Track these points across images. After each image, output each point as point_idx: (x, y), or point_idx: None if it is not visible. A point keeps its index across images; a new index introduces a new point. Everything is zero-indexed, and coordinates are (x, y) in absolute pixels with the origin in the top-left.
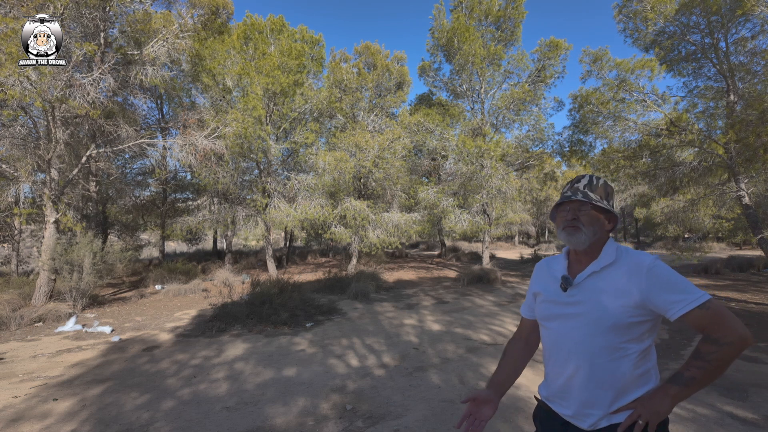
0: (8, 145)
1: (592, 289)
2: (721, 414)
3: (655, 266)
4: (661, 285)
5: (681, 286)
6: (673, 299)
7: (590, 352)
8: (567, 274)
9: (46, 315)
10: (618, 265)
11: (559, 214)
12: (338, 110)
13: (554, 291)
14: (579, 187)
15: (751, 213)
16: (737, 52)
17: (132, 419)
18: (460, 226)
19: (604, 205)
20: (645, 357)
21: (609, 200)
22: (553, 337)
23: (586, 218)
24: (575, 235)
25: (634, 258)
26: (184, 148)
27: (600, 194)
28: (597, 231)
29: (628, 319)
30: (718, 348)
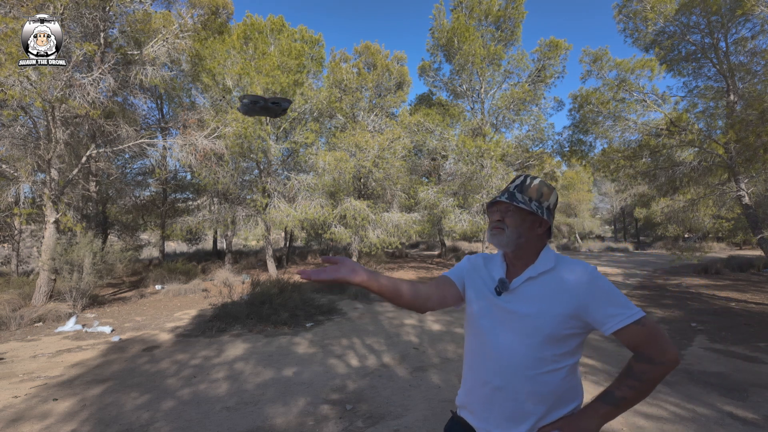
0: (8, 145)
1: (528, 296)
2: (721, 414)
3: (595, 277)
4: (600, 297)
5: (619, 299)
6: (611, 312)
7: (521, 364)
8: (505, 278)
9: (46, 315)
10: (556, 273)
11: (490, 215)
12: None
13: (488, 292)
14: (510, 188)
15: (751, 213)
16: (737, 52)
17: (132, 419)
18: (460, 226)
19: (526, 207)
20: (574, 371)
21: (542, 201)
22: (480, 341)
23: (510, 220)
24: (498, 236)
25: (574, 267)
26: (184, 148)
27: (531, 195)
28: (522, 233)
29: (563, 330)
30: (651, 368)
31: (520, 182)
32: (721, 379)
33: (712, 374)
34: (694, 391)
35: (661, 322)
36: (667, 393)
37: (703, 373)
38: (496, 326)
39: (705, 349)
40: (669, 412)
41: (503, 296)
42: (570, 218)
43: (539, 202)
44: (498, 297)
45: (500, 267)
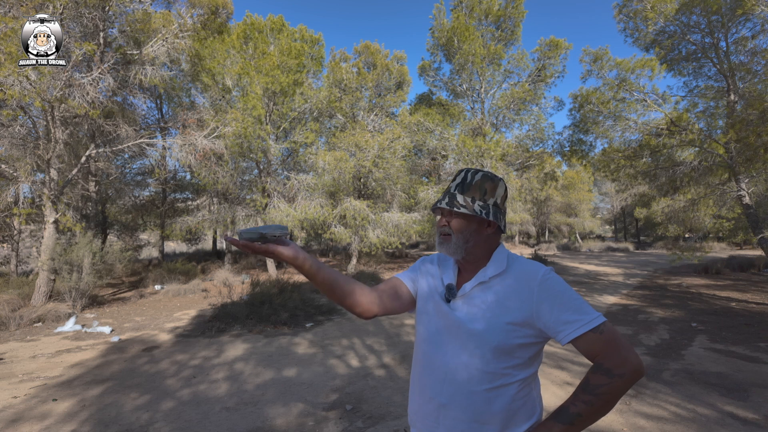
0: (7, 145)
1: (477, 303)
2: (721, 414)
3: (548, 278)
4: (553, 301)
5: (575, 304)
6: (566, 319)
7: (467, 378)
8: (453, 283)
9: (45, 315)
10: (507, 276)
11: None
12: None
13: (437, 298)
14: (451, 188)
15: (752, 213)
16: (737, 52)
17: (132, 420)
18: None
19: (468, 212)
20: (530, 385)
21: (487, 199)
22: (425, 353)
23: (455, 224)
24: (445, 244)
25: (525, 268)
26: (184, 148)
27: (474, 194)
28: (469, 238)
29: (514, 340)
30: (609, 380)
31: (460, 180)
32: (722, 379)
33: (712, 374)
34: (695, 391)
35: (662, 322)
36: (667, 393)
37: (704, 373)
38: (443, 336)
39: (705, 349)
40: (669, 412)
41: (452, 303)
42: (570, 218)
43: (484, 200)
44: (446, 304)
45: (452, 270)
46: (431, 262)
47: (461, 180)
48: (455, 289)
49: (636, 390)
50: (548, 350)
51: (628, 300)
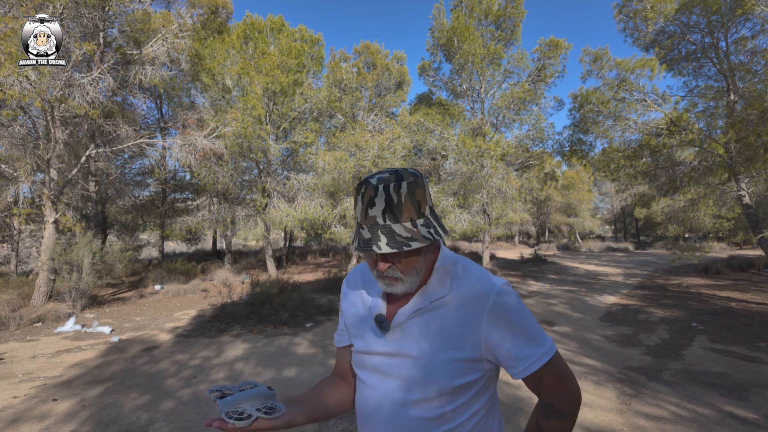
0: (7, 145)
1: (416, 336)
2: (721, 414)
3: (500, 302)
4: (505, 330)
5: (530, 331)
6: (519, 353)
7: (409, 428)
8: (383, 314)
9: (45, 315)
10: (451, 298)
11: (368, 258)
12: (338, 110)
13: (369, 333)
14: (377, 220)
15: (752, 212)
16: (737, 52)
17: (131, 420)
18: (460, 225)
19: (419, 245)
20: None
21: (424, 211)
22: (362, 397)
23: (405, 265)
24: (396, 285)
25: (474, 287)
26: (184, 148)
27: (410, 213)
28: (422, 267)
29: (459, 379)
30: (563, 423)
31: (384, 200)
32: (722, 379)
33: (712, 374)
34: (695, 391)
35: (662, 322)
36: (667, 393)
37: (704, 373)
38: (378, 378)
39: (705, 349)
40: (669, 412)
41: (385, 338)
42: (570, 218)
43: (422, 215)
44: (378, 338)
45: (379, 294)
46: (355, 285)
47: (385, 200)
48: (387, 321)
49: (636, 390)
50: None
51: (628, 300)
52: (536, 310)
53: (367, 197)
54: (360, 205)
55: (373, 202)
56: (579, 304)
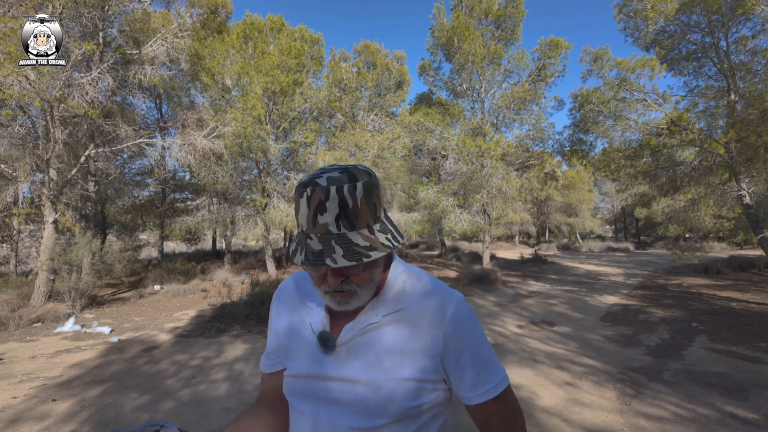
0: (7, 144)
1: (367, 355)
2: (722, 414)
3: (459, 319)
4: (461, 351)
5: (485, 356)
6: (473, 379)
7: None
8: (326, 330)
9: (44, 315)
10: (406, 311)
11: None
12: (338, 109)
13: (308, 351)
14: (329, 228)
15: (752, 212)
16: (738, 51)
17: (131, 420)
18: (460, 225)
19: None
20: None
21: (380, 214)
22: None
23: (362, 278)
24: (350, 301)
25: (432, 298)
26: (183, 148)
27: (367, 218)
28: (377, 278)
29: (415, 401)
30: None
31: (337, 205)
32: (722, 379)
33: (712, 374)
34: (695, 391)
35: (662, 322)
36: (668, 393)
37: (704, 373)
38: (318, 406)
39: (706, 349)
40: (670, 412)
41: (329, 358)
42: (570, 218)
43: (378, 218)
44: (321, 359)
45: (320, 308)
46: (289, 299)
47: (339, 205)
48: (332, 339)
49: (636, 390)
50: (548, 350)
51: (629, 300)
52: (536, 311)
53: (315, 201)
54: (305, 211)
55: (324, 207)
56: (579, 304)
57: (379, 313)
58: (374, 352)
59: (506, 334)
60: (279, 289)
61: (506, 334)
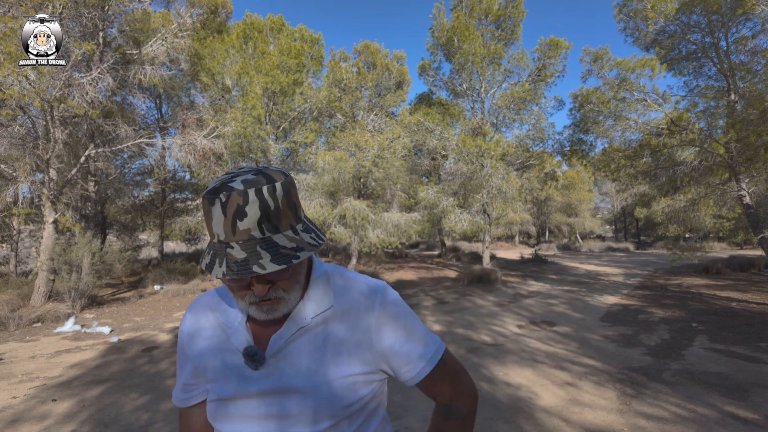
0: (7, 144)
1: (299, 360)
2: (722, 414)
3: (385, 303)
4: (396, 330)
5: (419, 331)
6: (413, 355)
7: None
8: (252, 344)
9: (44, 315)
10: (336, 309)
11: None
12: (338, 110)
13: (234, 371)
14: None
15: (752, 212)
16: (738, 51)
17: (131, 420)
18: (460, 226)
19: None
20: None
21: (299, 214)
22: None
23: (285, 283)
24: (279, 308)
25: (357, 292)
26: (183, 148)
27: (289, 219)
28: (302, 280)
29: (353, 395)
30: (463, 423)
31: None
32: (722, 379)
33: (712, 374)
34: (695, 391)
35: (662, 322)
36: (668, 393)
37: (704, 373)
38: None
39: (706, 350)
40: (670, 413)
41: (259, 373)
42: (570, 218)
43: (299, 218)
44: (249, 376)
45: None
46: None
47: (260, 208)
48: (260, 353)
49: (636, 390)
50: (548, 350)
51: (629, 300)
52: (536, 311)
53: (232, 207)
54: (220, 219)
55: (244, 212)
56: (579, 304)
57: (307, 316)
58: (308, 356)
59: (506, 334)
60: (188, 313)
61: (506, 334)
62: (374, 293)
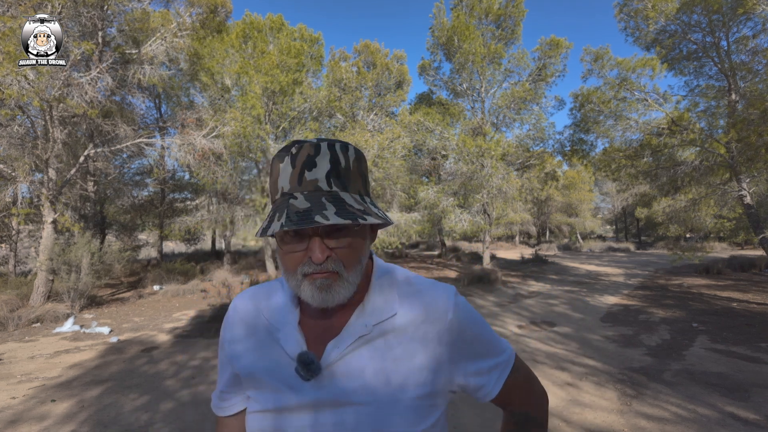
0: (6, 144)
1: (360, 374)
2: (722, 414)
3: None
4: (470, 344)
5: (491, 339)
6: (485, 367)
7: None
8: (307, 350)
9: (44, 315)
10: (402, 317)
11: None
12: (337, 109)
13: (284, 379)
14: (319, 184)
15: (753, 212)
16: (738, 51)
17: (131, 420)
18: (460, 226)
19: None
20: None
21: (367, 187)
22: None
23: (346, 252)
24: (334, 288)
25: (427, 299)
26: (183, 148)
27: (358, 185)
28: (363, 262)
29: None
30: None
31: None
32: (723, 379)
33: (713, 374)
34: (696, 392)
35: (663, 322)
36: (668, 393)
37: (705, 373)
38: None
39: (706, 350)
40: (670, 413)
41: (313, 384)
42: (571, 218)
43: (367, 191)
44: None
45: (292, 326)
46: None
47: (331, 161)
48: (316, 360)
49: (637, 390)
50: (549, 351)
51: (629, 300)
52: (537, 311)
53: (302, 157)
54: (288, 171)
55: (313, 162)
56: (580, 304)
57: (368, 323)
58: (368, 369)
59: (506, 335)
60: (232, 308)
61: (506, 335)
62: (445, 300)
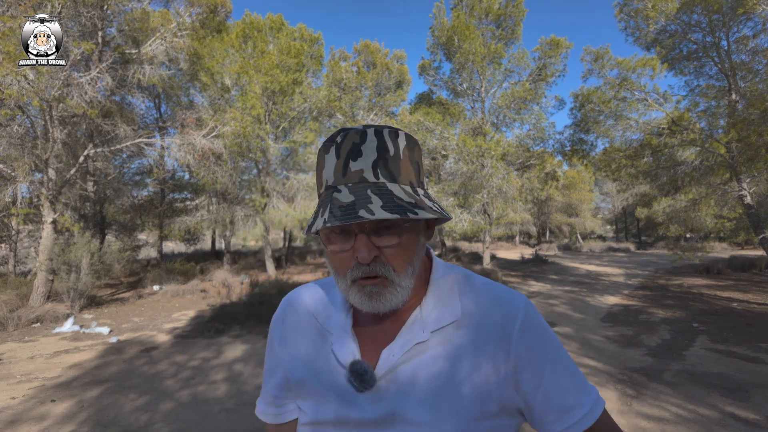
0: (5, 144)
1: (417, 386)
2: (723, 414)
3: (533, 322)
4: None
5: (572, 370)
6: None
7: None
8: (360, 358)
9: (43, 316)
10: (465, 323)
11: (334, 245)
12: (337, 109)
13: (335, 388)
14: (365, 175)
15: (753, 212)
16: (739, 51)
17: (130, 421)
18: (460, 226)
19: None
20: None
21: (422, 179)
22: None
23: (395, 253)
24: (383, 294)
25: (492, 305)
26: (182, 148)
27: (410, 176)
28: (416, 263)
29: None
30: None
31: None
32: (723, 379)
33: (713, 375)
34: (696, 392)
35: (663, 322)
36: (668, 394)
37: (705, 373)
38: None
39: (707, 350)
40: (671, 413)
41: (367, 396)
42: (571, 218)
43: (422, 183)
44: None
45: (343, 326)
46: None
47: (378, 149)
48: (371, 370)
49: (637, 391)
50: None
51: (630, 300)
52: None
53: (347, 146)
54: (332, 161)
55: (359, 150)
56: (580, 304)
57: (426, 329)
58: (427, 382)
59: None
60: (283, 306)
61: None
62: (515, 308)
